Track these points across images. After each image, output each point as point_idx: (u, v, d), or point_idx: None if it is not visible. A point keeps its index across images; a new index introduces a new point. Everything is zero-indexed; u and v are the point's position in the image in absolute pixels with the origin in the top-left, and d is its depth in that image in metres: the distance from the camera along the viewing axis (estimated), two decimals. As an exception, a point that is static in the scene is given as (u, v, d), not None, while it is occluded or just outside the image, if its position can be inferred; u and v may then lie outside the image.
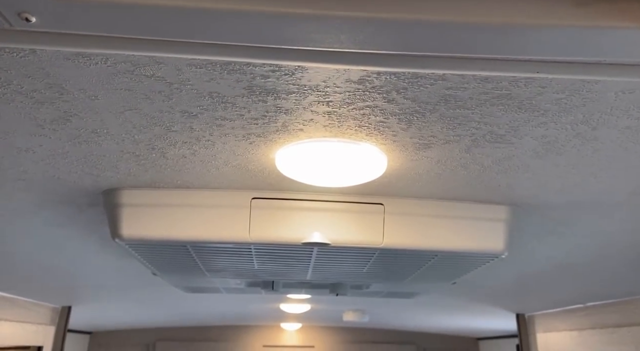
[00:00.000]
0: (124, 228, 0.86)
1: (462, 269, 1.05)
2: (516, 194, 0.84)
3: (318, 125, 0.63)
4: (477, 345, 4.00)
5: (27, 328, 1.92)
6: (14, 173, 0.77)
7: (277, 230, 0.89)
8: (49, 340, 2.09)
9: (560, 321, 1.95)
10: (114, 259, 1.34)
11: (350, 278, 1.22)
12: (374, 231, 0.91)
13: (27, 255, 1.24)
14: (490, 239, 0.90)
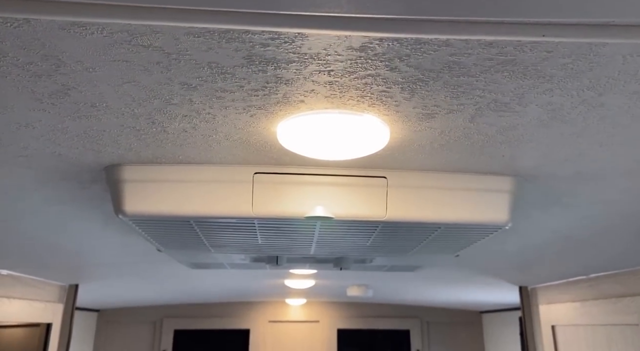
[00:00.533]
0: (126, 204, 0.86)
1: (465, 241, 1.05)
2: (520, 165, 0.84)
3: (319, 96, 0.62)
4: (480, 318, 4.05)
5: (35, 305, 1.95)
6: (15, 149, 0.77)
7: (280, 205, 0.89)
8: (57, 317, 2.12)
9: (563, 292, 1.96)
10: (119, 236, 1.34)
11: (353, 252, 1.23)
12: (377, 204, 0.90)
13: (32, 233, 1.24)
14: (494, 210, 0.89)
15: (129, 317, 3.86)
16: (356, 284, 2.85)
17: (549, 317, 2.06)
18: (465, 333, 4.02)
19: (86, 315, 3.65)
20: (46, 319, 2.04)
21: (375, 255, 1.26)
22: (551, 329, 2.04)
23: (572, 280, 1.92)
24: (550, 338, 2.04)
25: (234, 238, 1.08)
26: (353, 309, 4.03)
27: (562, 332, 1.97)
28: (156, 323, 3.86)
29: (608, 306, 1.64)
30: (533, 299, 2.23)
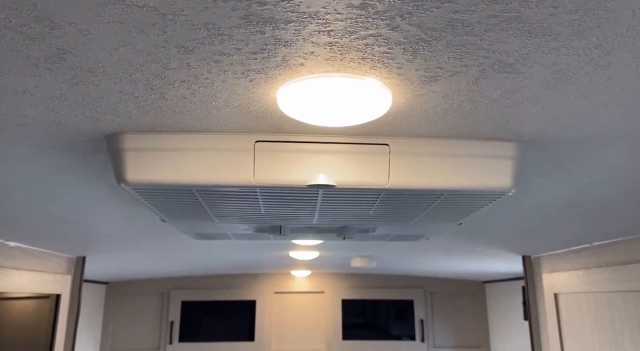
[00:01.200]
0: (128, 173, 0.86)
1: (468, 208, 1.05)
2: (524, 129, 0.83)
3: (319, 58, 0.60)
4: (483, 287, 4.10)
5: (44, 277, 1.98)
6: (13, 118, 0.76)
7: (281, 173, 0.89)
8: (66, 289, 2.16)
9: (566, 261, 1.97)
10: (123, 207, 1.35)
11: (356, 221, 1.23)
12: (379, 172, 0.90)
13: (36, 204, 1.25)
14: (497, 176, 0.89)
15: (137, 289, 3.93)
16: (360, 255, 2.88)
17: (552, 285, 2.07)
18: (468, 303, 4.08)
19: (95, 287, 3.72)
20: (55, 290, 2.07)
21: (378, 224, 1.26)
22: (553, 297, 2.06)
23: (576, 248, 1.93)
24: (553, 306, 2.06)
25: (237, 208, 1.08)
26: (357, 280, 4.08)
27: (565, 300, 1.99)
28: (164, 295, 3.93)
29: (610, 273, 1.65)
30: (536, 268, 2.25)
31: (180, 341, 3.83)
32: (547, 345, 2.12)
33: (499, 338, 3.83)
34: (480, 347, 3.98)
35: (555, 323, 2.03)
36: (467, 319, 4.06)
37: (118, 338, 3.85)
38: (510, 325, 3.61)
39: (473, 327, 4.03)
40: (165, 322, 3.86)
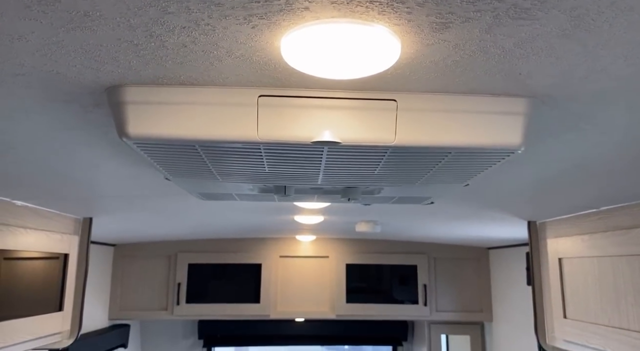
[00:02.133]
0: (130, 127, 0.84)
1: (476, 168, 1.03)
2: (537, 84, 0.80)
3: (325, 1, 0.57)
4: (487, 254, 4.12)
5: (51, 236, 2.00)
6: (11, 67, 0.74)
7: (285, 129, 0.87)
8: (74, 248, 2.19)
9: (572, 226, 1.97)
10: (128, 166, 1.35)
11: (361, 181, 1.22)
12: (385, 129, 0.88)
13: (40, 162, 1.25)
14: (507, 134, 0.87)
15: (144, 251, 3.99)
16: (364, 220, 2.88)
17: (556, 250, 2.07)
18: (472, 268, 4.12)
19: (103, 249, 3.78)
20: (63, 250, 2.10)
21: (384, 184, 1.25)
22: (558, 262, 2.06)
23: (582, 213, 1.91)
24: (557, 271, 2.07)
25: (240, 166, 1.07)
26: (361, 245, 4.12)
27: (568, 264, 2.00)
28: (171, 258, 3.99)
29: (616, 238, 1.64)
30: (541, 233, 2.24)
31: (188, 302, 3.91)
32: (549, 309, 2.14)
33: (501, 303, 3.88)
34: (482, 311, 4.04)
35: (559, 288, 2.04)
36: (470, 284, 4.10)
37: (126, 299, 3.93)
38: (513, 291, 3.65)
39: (476, 292, 4.08)
40: (173, 284, 3.94)
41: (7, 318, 1.74)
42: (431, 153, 0.94)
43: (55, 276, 2.10)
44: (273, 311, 3.97)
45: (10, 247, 1.70)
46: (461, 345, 4.33)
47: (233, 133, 0.87)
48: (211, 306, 3.91)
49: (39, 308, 1.97)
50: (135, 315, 3.92)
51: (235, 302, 3.94)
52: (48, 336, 2.01)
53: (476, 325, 4.20)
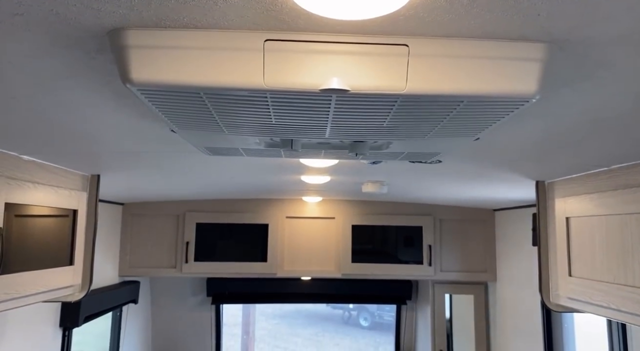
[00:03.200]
0: (133, 72, 0.82)
1: (488, 119, 1.01)
2: (556, 26, 0.76)
3: None
4: (493, 215, 4.13)
5: (59, 192, 2.01)
6: (8, 6, 0.71)
7: (292, 76, 0.85)
8: (82, 205, 2.21)
9: (581, 185, 1.95)
10: (134, 119, 1.33)
11: (370, 134, 1.19)
12: (396, 75, 0.85)
13: (43, 113, 1.23)
14: (522, 81, 0.84)
15: (153, 211, 4.04)
16: (371, 181, 2.88)
17: (564, 210, 2.06)
18: (477, 230, 4.14)
19: (111, 208, 3.82)
20: (71, 206, 2.12)
21: (392, 138, 1.22)
22: (565, 221, 2.05)
23: (592, 172, 1.89)
24: (564, 230, 2.06)
25: (247, 117, 1.05)
26: (367, 207, 4.13)
27: (576, 224, 1.99)
28: (179, 217, 4.04)
29: (627, 196, 1.62)
30: (549, 193, 2.23)
31: (196, 260, 3.98)
32: (554, 268, 2.16)
33: (505, 264, 3.92)
34: (487, 272, 4.09)
35: (565, 247, 2.05)
36: (475, 245, 4.13)
37: (136, 257, 4.01)
38: (517, 252, 3.68)
39: (480, 253, 4.12)
40: (181, 243, 4.00)
41: (19, 271, 1.77)
42: (443, 102, 0.91)
43: (65, 232, 2.13)
44: (280, 270, 4.04)
45: (19, 201, 1.72)
46: (465, 304, 4.41)
47: (238, 80, 0.84)
48: (219, 265, 3.98)
49: (50, 263, 2.00)
50: (144, 272, 4.01)
51: (243, 261, 4.01)
52: (60, 289, 2.06)
53: (480, 285, 4.26)
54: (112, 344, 3.98)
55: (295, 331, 13.28)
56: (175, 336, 4.79)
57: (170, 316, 4.79)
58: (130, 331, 4.25)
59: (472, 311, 4.23)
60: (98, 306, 3.30)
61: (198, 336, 4.81)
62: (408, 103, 0.93)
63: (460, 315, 4.56)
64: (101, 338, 4.01)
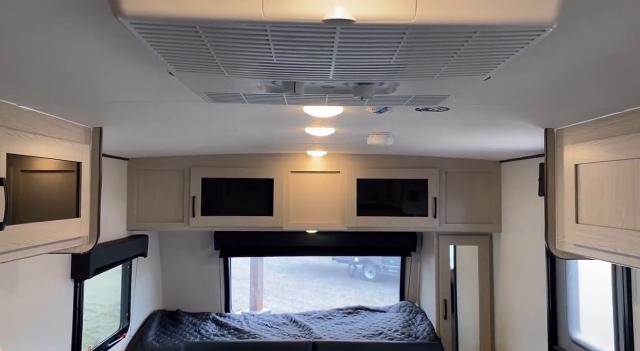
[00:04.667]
0: (124, 2, 0.77)
1: (500, 53, 0.96)
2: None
3: None
4: (499, 167, 4.10)
5: (62, 144, 1.99)
6: None
7: (293, 5, 0.80)
8: (86, 156, 2.19)
9: (591, 131, 1.90)
10: (131, 62, 1.28)
11: (376, 74, 1.15)
12: (404, 3, 0.80)
13: (36, 57, 1.19)
14: (539, 7, 0.78)
15: (158, 165, 4.04)
16: (376, 132, 2.83)
17: (573, 157, 2.03)
18: (483, 182, 4.12)
19: (116, 163, 3.82)
20: (75, 158, 2.11)
21: (400, 78, 1.18)
22: (574, 168, 2.02)
23: (603, 117, 1.84)
24: (572, 178, 2.04)
25: (246, 55, 1.00)
26: (372, 160, 4.11)
27: (585, 170, 1.96)
28: (184, 172, 4.04)
29: (638, 139, 1.58)
30: (558, 141, 2.18)
31: (203, 214, 4.01)
32: (561, 216, 2.14)
33: (511, 215, 3.92)
34: (492, 223, 4.11)
35: (573, 194, 2.02)
36: (481, 197, 4.13)
37: (143, 211, 4.05)
38: (523, 202, 3.67)
39: (486, 205, 4.12)
40: (187, 197, 4.02)
41: (27, 222, 1.78)
42: (454, 33, 0.86)
43: (71, 185, 2.13)
44: (286, 223, 4.07)
45: (21, 152, 1.70)
46: (469, 255, 4.46)
47: (236, 11, 0.79)
48: (226, 218, 4.01)
49: (57, 215, 2.01)
50: (152, 226, 4.05)
51: (249, 215, 4.04)
52: (68, 240, 2.08)
53: (485, 236, 4.29)
54: (124, 297, 4.10)
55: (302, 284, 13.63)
56: (185, 289, 4.91)
57: (180, 269, 4.89)
58: (141, 284, 4.35)
59: (477, 262, 4.29)
60: (107, 259, 3.36)
61: (207, 289, 4.93)
62: (417, 36, 0.88)
63: (464, 266, 4.63)
64: (113, 292, 4.12)
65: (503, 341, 4.05)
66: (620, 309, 2.39)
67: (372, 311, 5.08)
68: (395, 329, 4.46)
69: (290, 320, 4.86)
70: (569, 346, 2.96)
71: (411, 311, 4.79)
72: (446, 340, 4.27)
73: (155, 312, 4.63)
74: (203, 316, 4.72)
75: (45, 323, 2.80)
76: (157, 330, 4.38)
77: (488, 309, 4.23)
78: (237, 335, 4.40)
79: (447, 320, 4.31)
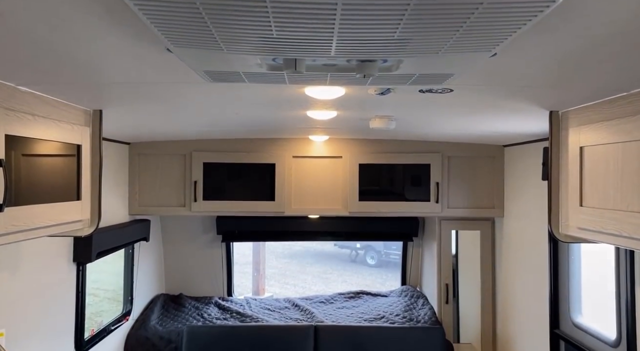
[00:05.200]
0: (119, -29, 0.75)
1: (506, 26, 0.93)
2: None
3: None
4: (502, 151, 4.07)
5: (61, 126, 1.97)
6: None
7: (295, -24, 0.77)
8: (86, 139, 2.18)
9: (597, 113, 1.87)
10: (128, 40, 1.26)
11: (379, 50, 1.12)
12: (408, -27, 0.77)
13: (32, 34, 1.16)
14: (548, -24, 0.75)
15: (159, 150, 4.02)
16: (379, 116, 2.80)
17: (578, 139, 2.00)
18: (486, 166, 4.09)
19: (117, 147, 3.81)
20: (75, 140, 2.09)
21: (403, 54, 1.15)
22: (579, 151, 2.00)
23: (609, 98, 1.81)
24: (577, 161, 2.01)
25: (246, 29, 0.98)
26: (375, 145, 4.08)
27: (590, 153, 1.94)
28: (186, 156, 4.03)
29: (646, 120, 1.55)
30: (563, 123, 2.16)
31: (205, 199, 4.01)
32: (565, 199, 2.12)
33: (514, 200, 3.91)
34: (494, 207, 4.09)
35: (577, 177, 2.00)
36: (483, 182, 4.11)
37: (145, 196, 4.05)
38: (526, 187, 3.65)
39: (489, 189, 4.11)
40: (189, 182, 4.01)
41: (28, 204, 1.77)
42: (459, 5, 0.83)
43: (71, 168, 2.12)
44: (288, 208, 4.06)
45: (20, 133, 1.68)
46: (471, 239, 4.46)
47: (235, -19, 0.77)
48: (227, 203, 4.01)
49: (58, 197, 2.01)
50: (154, 210, 4.05)
51: (251, 200, 4.03)
52: (69, 223, 2.07)
53: (487, 221, 4.28)
54: (126, 281, 4.11)
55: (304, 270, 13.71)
56: (187, 273, 4.93)
57: (182, 254, 4.91)
58: (143, 268, 4.37)
59: (479, 247, 4.29)
60: (110, 242, 3.37)
61: (210, 273, 4.95)
62: (421, 8, 0.85)
63: (466, 251, 4.63)
64: (116, 276, 4.14)
65: (504, 325, 4.07)
66: (623, 292, 2.38)
67: (373, 295, 5.10)
68: (397, 313, 4.48)
69: (292, 304, 4.89)
70: (570, 330, 2.97)
71: (413, 296, 4.81)
72: (447, 324, 4.29)
73: (158, 296, 4.66)
74: (205, 301, 4.75)
75: (48, 305, 2.81)
76: (160, 314, 4.41)
77: (490, 293, 4.24)
78: (240, 318, 4.43)
79: (448, 305, 4.32)
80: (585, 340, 2.80)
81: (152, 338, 4.01)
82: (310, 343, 3.94)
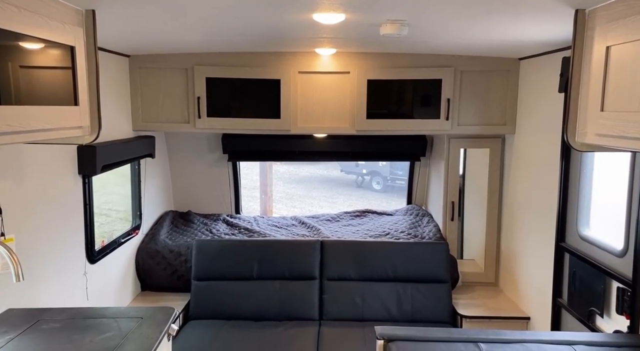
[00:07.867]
0: None
1: None
2: None
3: None
4: (518, 65, 3.89)
5: (52, 24, 1.85)
6: None
7: None
8: (80, 41, 2.06)
9: (628, 7, 1.71)
10: None
11: None
12: None
13: None
14: None
15: (160, 63, 3.88)
16: (390, 21, 2.63)
17: (605, 38, 1.86)
18: (500, 81, 3.93)
19: (117, 59, 3.67)
20: (68, 41, 1.97)
21: None
22: (605, 51, 1.86)
23: (646, -11, 1.64)
24: (602, 62, 1.88)
25: None
26: (384, 59, 3.89)
27: (617, 52, 1.80)
28: (188, 70, 3.89)
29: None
30: (589, 23, 2.00)
31: (209, 116, 3.93)
32: (584, 106, 2.02)
33: (527, 115, 3.79)
34: (506, 124, 3.99)
35: (601, 81, 1.88)
36: (497, 98, 3.97)
37: (148, 111, 3.97)
38: (541, 100, 3.52)
39: (501, 106, 3.97)
40: (192, 98, 3.91)
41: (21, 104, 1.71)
42: None
43: (66, 71, 2.02)
44: (293, 126, 3.98)
45: (4, 26, 1.57)
46: (480, 158, 4.40)
47: None
48: (232, 121, 3.93)
49: (54, 101, 1.94)
50: (158, 126, 4.00)
51: (256, 117, 3.94)
52: (69, 128, 2.02)
53: (497, 138, 4.20)
54: (134, 196, 4.16)
55: (310, 194, 13.91)
56: (195, 191, 4.98)
57: (189, 172, 4.92)
58: (151, 185, 4.40)
59: (487, 166, 4.24)
60: (114, 156, 3.35)
61: (217, 192, 4.99)
62: None
63: (473, 171, 4.60)
64: (127, 199, 4.17)
65: (509, 241, 4.12)
66: (635, 201, 2.35)
67: (379, 214, 5.16)
68: (402, 230, 4.55)
69: (299, 222, 4.97)
70: (577, 243, 2.99)
71: (418, 214, 4.85)
72: (452, 240, 4.35)
73: (167, 213, 4.74)
74: (214, 217, 4.83)
75: (56, 215, 2.84)
76: (170, 229, 4.51)
77: (496, 211, 4.25)
78: (248, 234, 4.53)
79: (453, 222, 4.36)
80: (590, 252, 2.82)
81: (162, 250, 4.13)
82: (317, 257, 4.04)
